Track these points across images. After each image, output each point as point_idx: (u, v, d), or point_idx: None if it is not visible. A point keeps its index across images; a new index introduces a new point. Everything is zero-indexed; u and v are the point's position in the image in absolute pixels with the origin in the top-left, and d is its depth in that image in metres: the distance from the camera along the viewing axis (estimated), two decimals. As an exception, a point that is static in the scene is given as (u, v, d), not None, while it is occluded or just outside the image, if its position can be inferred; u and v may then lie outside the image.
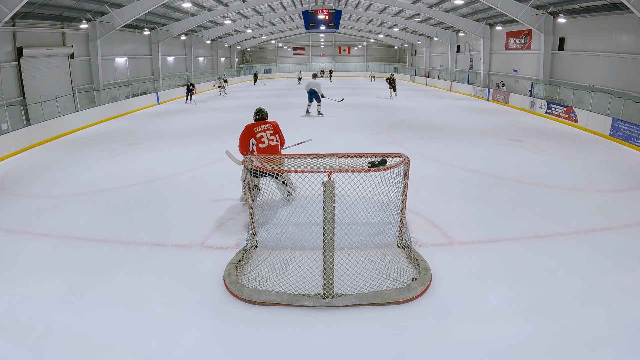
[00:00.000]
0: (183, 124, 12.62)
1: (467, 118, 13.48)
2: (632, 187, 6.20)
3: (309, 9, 24.37)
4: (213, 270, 3.72)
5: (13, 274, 3.76)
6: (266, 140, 4.89)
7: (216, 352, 2.75)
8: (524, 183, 6.29)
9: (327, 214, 3.10)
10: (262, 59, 42.85)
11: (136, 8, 15.82)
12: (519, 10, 15.81)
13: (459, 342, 2.81)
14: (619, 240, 4.35)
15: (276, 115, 13.31)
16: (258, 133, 4.90)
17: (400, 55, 41.76)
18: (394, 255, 3.89)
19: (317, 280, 3.36)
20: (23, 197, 5.96)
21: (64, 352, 2.73)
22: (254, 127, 4.96)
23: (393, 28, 30.06)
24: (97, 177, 6.87)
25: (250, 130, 4.94)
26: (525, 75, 18.12)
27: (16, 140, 9.23)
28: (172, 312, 3.17)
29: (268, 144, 4.88)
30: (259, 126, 4.96)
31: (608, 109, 11.17)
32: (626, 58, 12.60)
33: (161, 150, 8.91)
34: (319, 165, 3.50)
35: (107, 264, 3.90)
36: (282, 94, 22.83)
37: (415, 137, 9.90)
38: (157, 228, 4.70)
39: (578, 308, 3.16)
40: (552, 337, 2.83)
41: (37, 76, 13.63)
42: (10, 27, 12.23)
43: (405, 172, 3.78)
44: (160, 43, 21.91)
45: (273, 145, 4.91)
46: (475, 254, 4.06)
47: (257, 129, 4.93)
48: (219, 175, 6.76)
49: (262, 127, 4.96)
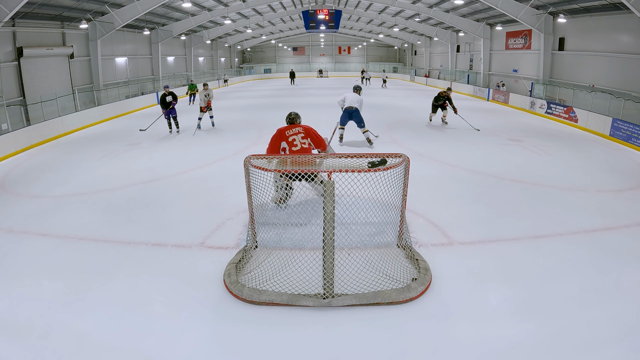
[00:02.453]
0: (182, 124, 12.60)
1: (467, 118, 13.45)
2: (632, 187, 6.20)
3: (309, 9, 24.39)
4: (213, 270, 3.72)
5: (13, 274, 3.76)
6: (298, 143, 4.95)
7: (216, 352, 2.75)
8: (524, 183, 6.29)
9: (327, 214, 3.10)
10: (262, 59, 42.87)
11: (136, 8, 15.82)
12: (519, 10, 15.81)
13: (459, 342, 2.81)
14: (619, 240, 4.34)
15: (277, 115, 13.33)
16: (290, 136, 4.97)
17: (400, 55, 41.76)
18: (394, 255, 3.89)
19: (317, 280, 3.36)
20: (23, 197, 5.96)
21: (64, 352, 2.73)
22: (285, 130, 5.03)
23: (393, 28, 30.07)
24: (97, 177, 6.87)
25: (282, 134, 5.00)
26: (525, 75, 18.12)
27: (16, 140, 9.23)
28: (172, 312, 3.17)
29: (300, 147, 4.94)
30: (290, 130, 5.03)
31: (608, 109, 11.17)
32: (626, 58, 12.59)
33: (161, 150, 8.91)
34: (319, 165, 3.50)
35: (107, 264, 3.90)
36: (281, 94, 22.82)
37: (415, 137, 9.90)
38: (157, 228, 4.70)
39: (578, 308, 3.16)
40: (552, 337, 2.83)
41: (37, 76, 13.62)
42: (10, 27, 12.22)
43: (405, 172, 3.78)
44: (160, 43, 21.90)
45: (305, 148, 4.98)
46: (475, 254, 4.06)
47: (289, 132, 5.00)
48: (219, 175, 6.76)
49: (293, 130, 5.03)
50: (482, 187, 6.12)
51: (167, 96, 10.39)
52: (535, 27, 16.24)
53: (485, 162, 7.54)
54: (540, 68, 16.84)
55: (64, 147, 9.66)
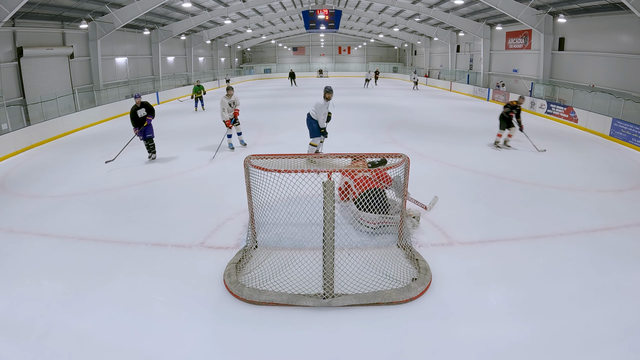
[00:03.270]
0: (183, 123, 12.61)
1: (467, 118, 13.48)
2: (632, 187, 6.20)
3: (309, 9, 24.38)
4: (213, 270, 3.72)
5: (13, 274, 3.76)
6: None
7: (216, 352, 2.75)
8: (524, 183, 6.29)
9: (327, 214, 3.10)
10: (262, 59, 42.85)
11: (136, 8, 15.82)
12: (519, 10, 15.81)
13: (459, 342, 2.81)
14: (619, 240, 4.35)
15: (277, 115, 13.34)
16: None
17: (400, 55, 41.76)
18: (394, 255, 3.89)
19: (317, 280, 3.36)
20: (23, 197, 5.96)
21: (64, 352, 2.73)
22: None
23: (393, 28, 30.06)
24: (97, 177, 6.87)
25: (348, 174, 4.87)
26: (525, 75, 18.11)
27: (16, 140, 9.23)
28: (172, 312, 3.17)
29: None
30: None
31: (608, 109, 11.17)
32: (626, 58, 12.59)
33: (161, 150, 8.90)
34: (319, 165, 3.50)
35: (107, 264, 3.90)
36: (282, 94, 22.81)
37: (415, 137, 9.90)
38: (157, 228, 4.70)
39: (578, 308, 3.16)
40: (552, 337, 2.83)
41: (37, 76, 13.62)
42: (10, 27, 12.22)
43: (405, 172, 3.78)
44: (160, 43, 21.90)
45: None
46: (475, 254, 4.06)
47: None
48: (219, 175, 6.76)
49: None
50: (482, 187, 6.12)
51: (140, 109, 7.52)
52: (535, 27, 16.24)
53: (485, 162, 7.55)
54: (540, 68, 16.84)
55: (64, 147, 9.66)
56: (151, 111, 7.60)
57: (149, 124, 7.57)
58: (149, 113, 7.57)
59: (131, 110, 7.58)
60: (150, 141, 7.67)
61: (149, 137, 7.61)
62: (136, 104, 7.53)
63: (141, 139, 7.67)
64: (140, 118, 7.51)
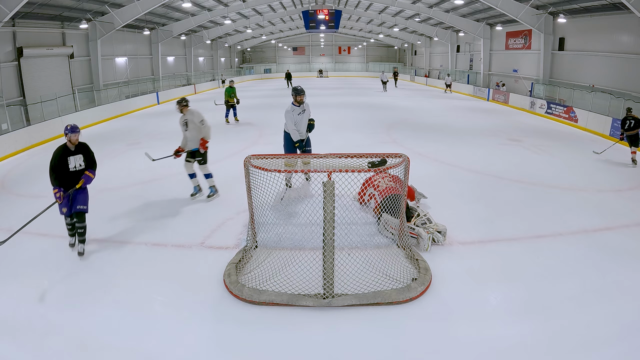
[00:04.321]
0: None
1: (467, 118, 13.48)
2: (632, 187, 6.20)
3: (309, 9, 24.36)
4: (213, 270, 3.72)
5: (13, 274, 3.77)
6: None
7: (216, 352, 2.75)
8: (524, 183, 6.29)
9: (327, 214, 3.10)
10: (262, 59, 42.84)
11: (136, 8, 15.82)
12: (519, 10, 15.81)
13: (459, 342, 2.81)
14: (619, 240, 4.35)
15: (277, 115, 13.32)
16: None
17: (400, 55, 41.75)
18: (394, 255, 3.90)
19: (317, 280, 3.36)
20: (23, 197, 5.96)
21: (64, 352, 2.73)
22: None
23: (393, 28, 30.05)
24: (97, 177, 6.80)
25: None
26: (525, 75, 18.11)
27: (16, 140, 9.24)
28: (172, 312, 3.17)
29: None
30: None
31: (608, 109, 11.18)
32: (626, 58, 12.59)
33: (161, 150, 8.87)
34: (319, 165, 3.50)
35: (107, 264, 3.90)
36: (282, 93, 22.79)
37: (415, 137, 9.90)
38: (157, 228, 4.70)
39: (577, 308, 3.16)
40: (552, 337, 2.83)
41: (37, 76, 13.62)
42: (10, 27, 12.22)
43: (405, 172, 3.78)
44: (160, 43, 21.90)
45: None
46: (475, 254, 4.06)
47: None
48: (219, 175, 6.75)
49: None
50: (482, 187, 6.12)
51: (72, 155, 4.08)
52: (535, 27, 16.24)
53: (485, 162, 7.55)
54: (540, 68, 16.84)
55: (64, 147, 9.64)
56: (91, 161, 4.17)
57: (84, 186, 4.09)
58: (89, 164, 4.15)
59: (55, 154, 4.08)
60: (80, 219, 4.04)
61: (79, 209, 4.03)
62: (66, 146, 4.08)
63: (62, 213, 4.02)
64: (70, 172, 4.05)
